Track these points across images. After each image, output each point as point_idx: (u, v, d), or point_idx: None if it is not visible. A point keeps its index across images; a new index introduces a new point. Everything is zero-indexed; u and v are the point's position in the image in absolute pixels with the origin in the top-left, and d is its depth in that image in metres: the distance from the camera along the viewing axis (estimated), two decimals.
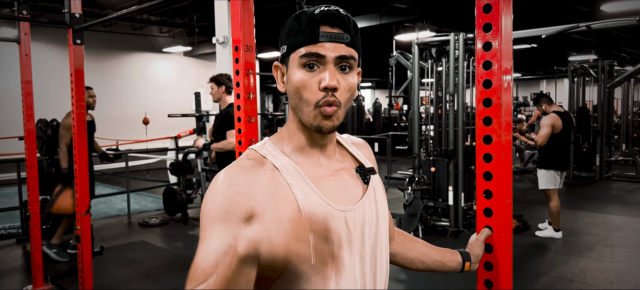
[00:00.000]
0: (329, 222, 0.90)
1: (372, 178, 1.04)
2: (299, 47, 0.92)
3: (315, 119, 0.92)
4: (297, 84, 0.92)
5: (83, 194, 3.28)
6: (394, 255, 1.26)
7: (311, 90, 0.91)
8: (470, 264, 1.28)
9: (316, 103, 0.91)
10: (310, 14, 0.92)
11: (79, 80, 3.24)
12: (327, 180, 0.97)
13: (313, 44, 0.90)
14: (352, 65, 0.93)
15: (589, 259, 4.67)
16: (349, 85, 0.93)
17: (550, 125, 5.18)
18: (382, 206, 1.04)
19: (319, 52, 0.90)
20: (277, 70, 1.00)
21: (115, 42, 14.50)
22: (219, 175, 0.91)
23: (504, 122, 1.26)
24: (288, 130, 1.00)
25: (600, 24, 4.76)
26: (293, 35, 0.93)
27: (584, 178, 9.35)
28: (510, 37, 1.27)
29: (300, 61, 0.91)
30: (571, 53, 18.20)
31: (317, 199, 0.92)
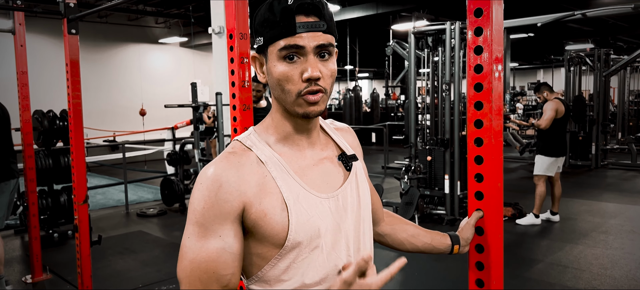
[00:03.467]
0: (312, 211, 0.94)
1: (353, 164, 1.06)
2: (277, 40, 0.91)
3: (301, 106, 0.93)
4: (279, 77, 0.92)
5: (80, 184, 3.29)
6: (384, 236, 1.29)
7: (293, 82, 0.91)
8: (459, 247, 1.30)
9: (298, 93, 0.92)
10: (284, 4, 0.90)
11: (74, 70, 3.24)
12: (311, 170, 0.99)
13: (291, 36, 0.90)
14: (331, 51, 0.94)
15: (583, 246, 4.71)
16: (330, 71, 0.94)
17: (554, 109, 5.21)
18: (364, 191, 1.07)
19: (297, 43, 0.90)
20: (255, 61, 0.99)
21: (111, 33, 14.43)
22: (209, 171, 0.92)
23: (494, 107, 1.28)
24: (273, 119, 1.00)
25: (595, 11, 4.77)
26: (268, 27, 0.92)
27: (580, 166, 9.40)
28: (501, 23, 1.28)
29: (280, 54, 0.91)
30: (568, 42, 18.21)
31: (301, 189, 0.94)
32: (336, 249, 0.98)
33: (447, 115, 5.58)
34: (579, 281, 3.86)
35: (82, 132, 3.33)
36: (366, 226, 1.06)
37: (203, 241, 0.89)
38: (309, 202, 0.94)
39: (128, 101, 14.36)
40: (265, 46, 0.94)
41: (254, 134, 1.00)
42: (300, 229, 0.92)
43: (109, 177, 9.45)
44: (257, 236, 0.92)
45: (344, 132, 1.15)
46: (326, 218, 0.96)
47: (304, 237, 0.92)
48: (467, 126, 1.32)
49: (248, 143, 0.97)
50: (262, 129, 1.01)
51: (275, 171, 0.94)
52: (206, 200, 0.89)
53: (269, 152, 0.96)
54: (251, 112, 2.04)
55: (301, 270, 0.94)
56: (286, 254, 0.93)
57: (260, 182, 0.92)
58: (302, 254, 0.93)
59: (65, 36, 3.18)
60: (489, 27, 1.25)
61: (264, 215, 0.90)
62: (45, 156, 5.10)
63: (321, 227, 0.95)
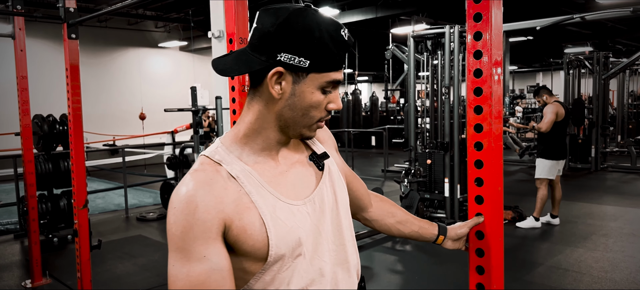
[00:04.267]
0: (291, 221, 0.93)
1: (325, 163, 1.06)
2: (327, 71, 0.91)
3: (311, 131, 0.97)
4: (312, 104, 0.93)
5: (80, 189, 3.29)
6: (371, 221, 1.30)
7: (320, 110, 0.95)
8: (444, 239, 1.32)
9: (319, 119, 0.96)
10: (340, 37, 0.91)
11: (74, 75, 3.24)
12: (284, 177, 0.98)
13: (339, 71, 0.94)
14: None
15: (584, 249, 4.71)
16: None
17: (554, 112, 5.22)
18: (339, 187, 1.07)
19: (340, 79, 0.94)
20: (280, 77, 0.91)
21: (111, 37, 14.45)
22: (181, 192, 0.87)
23: (494, 111, 1.28)
24: (253, 130, 0.96)
25: (594, 15, 4.78)
26: (320, 54, 0.89)
27: (579, 169, 9.40)
28: (500, 27, 1.28)
29: (323, 84, 0.92)
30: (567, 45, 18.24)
31: (276, 201, 0.93)
32: (318, 252, 0.98)
33: (446, 118, 5.58)
34: (579, 284, 3.86)
35: (82, 137, 3.34)
36: (346, 222, 1.07)
37: (188, 266, 0.84)
38: (286, 213, 0.93)
39: (128, 105, 14.36)
40: (308, 70, 0.90)
41: (222, 147, 0.96)
42: (281, 242, 0.91)
43: (109, 182, 9.45)
44: (240, 252, 0.90)
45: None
46: (305, 225, 0.96)
47: (286, 249, 0.92)
48: (467, 130, 1.32)
49: (216, 158, 0.93)
50: (232, 140, 0.97)
51: (249, 185, 0.91)
52: (184, 224, 0.85)
53: (239, 167, 0.93)
54: None
55: (286, 279, 0.93)
56: (270, 267, 0.92)
57: (236, 198, 0.89)
58: (286, 264, 0.93)
59: (65, 41, 3.19)
60: (488, 32, 1.26)
61: (244, 231, 0.88)
62: (45, 161, 5.10)
63: (301, 235, 0.94)
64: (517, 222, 5.56)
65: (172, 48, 15.87)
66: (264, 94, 0.93)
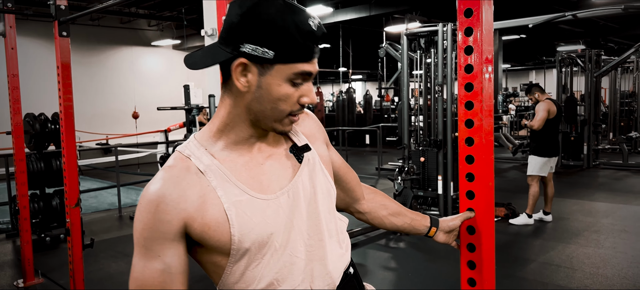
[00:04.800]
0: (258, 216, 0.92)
1: (306, 155, 1.02)
2: (294, 62, 0.88)
3: (283, 125, 0.94)
4: (279, 97, 0.90)
5: (72, 187, 3.27)
6: (363, 214, 1.29)
7: (290, 103, 0.91)
8: (436, 230, 1.31)
9: (289, 113, 0.92)
10: (307, 27, 0.87)
11: (65, 73, 3.22)
12: (257, 170, 0.96)
13: (308, 63, 0.90)
14: None
15: (576, 245, 4.74)
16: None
17: (546, 110, 5.25)
18: (320, 178, 1.04)
19: (311, 71, 0.90)
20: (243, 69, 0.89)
21: (103, 35, 14.38)
22: (149, 189, 0.89)
23: (485, 107, 1.29)
24: (226, 124, 0.95)
25: (586, 13, 4.81)
26: (287, 45, 0.86)
27: (572, 166, 9.46)
28: (490, 23, 1.29)
29: (291, 76, 0.89)
30: (559, 43, 18.35)
31: (243, 196, 0.92)
32: (290, 246, 0.96)
33: (440, 116, 5.59)
34: (571, 280, 3.88)
35: (74, 135, 3.32)
36: (326, 215, 1.03)
37: (144, 261, 0.89)
38: (253, 208, 0.92)
39: (121, 104, 14.30)
40: (274, 61, 0.87)
41: (194, 142, 0.95)
42: (244, 237, 0.90)
43: (102, 181, 9.40)
44: (207, 247, 0.92)
45: (301, 119, 1.09)
46: (275, 219, 0.94)
47: (251, 244, 0.91)
48: (458, 126, 1.32)
49: (187, 152, 0.93)
50: (206, 135, 0.96)
51: (215, 180, 0.91)
52: (146, 222, 0.88)
53: (208, 161, 0.92)
54: None
55: (257, 275, 0.93)
56: (237, 262, 0.92)
57: (201, 194, 0.89)
58: (255, 260, 0.92)
59: (56, 39, 3.17)
60: (479, 28, 1.26)
61: (207, 228, 0.89)
62: (37, 160, 5.06)
63: (271, 230, 0.93)
64: (510, 219, 5.59)
65: (165, 47, 15.81)
66: (233, 88, 0.92)
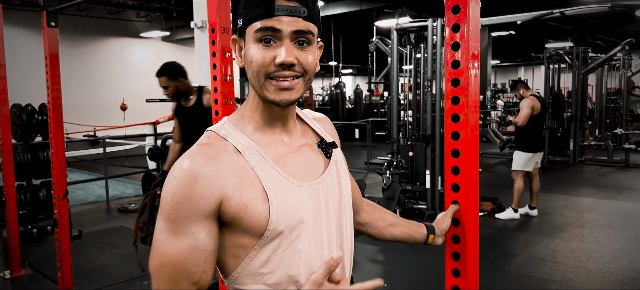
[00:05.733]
0: (293, 201, 0.91)
1: (334, 152, 1.04)
2: (254, 21, 0.89)
3: (271, 92, 0.90)
4: (251, 59, 0.90)
5: (60, 178, 3.26)
6: (363, 225, 1.30)
7: (265, 65, 0.89)
8: (434, 237, 1.32)
9: (266, 74, 0.89)
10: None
11: (54, 64, 3.20)
12: (290, 158, 0.96)
13: (268, 18, 0.87)
14: (311, 40, 0.91)
15: (560, 239, 4.82)
16: (308, 59, 0.91)
17: (530, 106, 5.32)
18: (345, 179, 1.05)
19: (274, 26, 0.87)
20: (235, 44, 0.96)
21: (92, 26, 14.21)
22: (185, 163, 0.87)
23: (471, 102, 1.31)
24: (248, 108, 0.97)
25: (573, 10, 4.87)
26: (248, 8, 0.90)
27: (558, 162, 9.58)
28: (477, 19, 1.31)
29: (256, 36, 0.89)
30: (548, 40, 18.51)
31: (281, 178, 0.91)
32: (317, 238, 0.95)
33: (428, 111, 5.64)
34: (555, 273, 3.96)
35: (62, 126, 3.30)
36: (348, 215, 1.05)
37: (174, 237, 0.86)
38: (289, 192, 0.91)
39: (109, 95, 14.17)
40: (243, 28, 0.92)
41: (228, 123, 0.96)
42: (281, 218, 0.89)
43: (90, 173, 9.35)
44: (239, 228, 0.89)
45: (322, 121, 1.12)
46: (307, 207, 0.94)
47: (285, 227, 0.89)
48: (445, 121, 1.35)
49: (223, 133, 0.94)
50: (237, 118, 0.98)
51: (254, 160, 0.90)
52: (180, 196, 0.85)
53: (245, 141, 0.93)
54: (233, 106, 2.05)
55: (284, 262, 0.91)
56: (266, 245, 0.90)
57: (239, 173, 0.89)
58: (283, 245, 0.90)
59: (44, 29, 3.15)
60: (466, 24, 1.29)
61: (245, 207, 0.87)
62: (24, 151, 5.03)
63: (302, 217, 0.92)
64: (496, 213, 5.66)
65: (154, 38, 15.68)
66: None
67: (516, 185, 5.45)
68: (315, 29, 0.92)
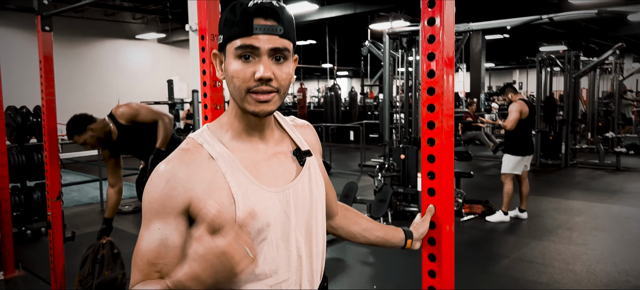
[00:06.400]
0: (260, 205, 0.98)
1: (308, 159, 1.10)
2: (234, 39, 0.96)
3: (250, 104, 0.97)
4: (232, 74, 0.97)
5: (53, 181, 3.31)
6: (337, 229, 1.35)
7: (245, 79, 0.96)
8: (412, 241, 1.38)
9: (247, 89, 0.96)
10: (244, 6, 0.95)
11: (48, 67, 3.25)
12: (263, 164, 1.03)
13: (247, 36, 0.94)
14: (286, 55, 0.98)
15: (548, 242, 4.89)
16: (284, 74, 0.98)
17: (518, 110, 5.39)
18: (317, 185, 1.11)
19: (253, 44, 0.94)
20: (216, 58, 1.04)
21: (87, 28, 14.23)
22: (160, 167, 0.98)
23: (445, 109, 1.37)
24: (228, 116, 1.05)
25: (562, 16, 4.94)
26: (229, 26, 0.97)
27: (550, 165, 9.66)
28: (452, 31, 1.37)
29: (236, 52, 0.96)
30: (542, 44, 18.65)
31: (250, 184, 0.99)
32: (285, 241, 1.02)
33: (420, 114, 5.70)
34: (542, 276, 4.02)
35: (56, 129, 3.35)
36: (319, 219, 1.11)
37: (147, 233, 0.96)
38: (257, 196, 0.98)
39: (104, 97, 14.19)
40: (224, 44, 0.99)
41: (207, 131, 1.04)
42: (248, 222, 0.95)
43: (84, 174, 9.37)
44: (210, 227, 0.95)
45: (303, 128, 1.19)
46: (275, 211, 1.00)
47: (251, 229, 0.96)
48: (421, 127, 1.41)
49: (200, 140, 1.02)
50: (217, 126, 1.05)
51: (225, 166, 0.98)
52: (154, 196, 0.96)
53: (220, 148, 1.00)
54: (222, 111, 2.10)
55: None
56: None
57: (210, 178, 0.97)
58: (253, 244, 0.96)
59: (38, 33, 3.19)
60: (440, 35, 1.34)
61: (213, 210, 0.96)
62: (18, 153, 5.06)
63: (269, 220, 0.99)
64: (486, 216, 5.73)
65: (149, 40, 15.71)
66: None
67: (506, 188, 5.52)
68: (291, 45, 1.00)
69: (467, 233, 5.28)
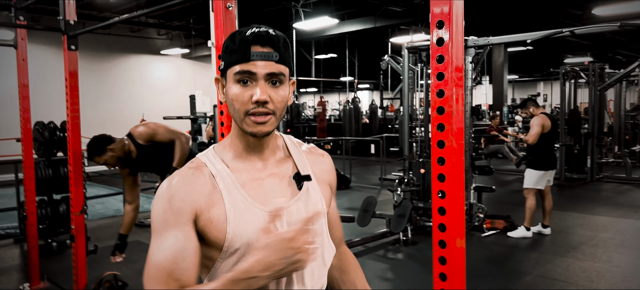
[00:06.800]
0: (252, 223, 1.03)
1: (306, 184, 1.13)
2: (233, 65, 1.02)
3: (248, 125, 1.03)
4: (232, 97, 1.03)
5: (77, 195, 3.39)
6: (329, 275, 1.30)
7: (243, 102, 1.02)
8: None
9: (246, 112, 1.02)
10: (243, 34, 1.02)
11: (73, 84, 3.35)
12: (259, 183, 1.08)
13: (245, 62, 1.01)
14: (282, 80, 1.05)
15: (573, 259, 4.79)
16: (280, 97, 1.04)
17: (540, 124, 5.32)
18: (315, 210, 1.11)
19: (250, 69, 1.01)
20: (218, 83, 1.11)
21: (114, 44, 14.61)
22: (164, 184, 1.04)
23: (455, 129, 1.38)
24: (231, 137, 1.11)
25: (584, 29, 4.87)
26: (229, 53, 1.04)
27: (575, 179, 9.46)
28: (461, 51, 1.38)
29: (235, 77, 1.02)
30: (567, 55, 18.37)
31: (244, 201, 1.04)
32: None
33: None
34: None
35: (80, 144, 3.44)
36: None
37: (159, 241, 1.00)
38: (250, 214, 1.03)
39: (130, 111, 14.50)
40: (225, 70, 1.06)
41: (212, 151, 1.12)
42: (237, 237, 1.01)
43: (109, 187, 9.55)
44: (206, 241, 1.03)
45: (317, 157, 1.22)
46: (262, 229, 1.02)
47: (241, 244, 1.02)
48: (431, 147, 1.41)
49: (204, 159, 1.09)
50: (221, 147, 1.12)
51: (223, 184, 1.04)
52: (159, 209, 1.02)
53: (220, 167, 1.07)
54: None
55: None
56: (227, 258, 1.03)
57: (210, 193, 1.03)
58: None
59: (65, 52, 3.30)
60: (449, 55, 1.36)
61: (210, 222, 1.02)
62: (45, 166, 5.20)
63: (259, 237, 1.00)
64: (508, 231, 5.64)
65: (174, 55, 16.02)
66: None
67: (528, 203, 5.43)
68: (287, 70, 1.06)
69: (488, 249, 5.21)
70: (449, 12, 1.34)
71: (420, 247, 5.22)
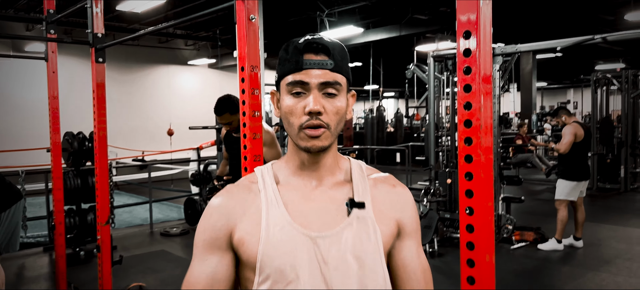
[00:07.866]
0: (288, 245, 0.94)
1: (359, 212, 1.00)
2: (286, 75, 0.98)
3: (303, 140, 0.97)
4: (285, 110, 0.99)
5: (103, 205, 3.43)
6: None
7: (297, 115, 0.97)
8: None
9: (300, 126, 0.96)
10: (296, 43, 0.98)
11: (100, 96, 3.40)
12: (307, 204, 0.99)
13: (298, 72, 0.96)
14: (338, 89, 0.98)
15: (606, 273, 4.61)
16: (335, 108, 0.97)
17: (573, 133, 5.16)
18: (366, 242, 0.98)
19: (302, 79, 0.96)
20: (273, 97, 1.05)
21: (142, 55, 14.90)
22: (211, 201, 1.03)
23: (483, 142, 1.32)
24: (288, 153, 1.05)
25: (616, 35, 4.72)
26: (282, 64, 1.00)
27: (608, 190, 9.16)
28: (490, 61, 1.33)
29: (288, 88, 0.98)
30: (598, 62, 17.90)
31: (284, 222, 0.96)
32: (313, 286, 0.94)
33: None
34: None
35: (106, 155, 3.49)
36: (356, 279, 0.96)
37: (196, 264, 1.00)
38: (288, 235, 0.95)
39: (157, 120, 14.75)
40: (279, 82, 1.02)
41: (270, 165, 1.07)
42: (267, 260, 0.93)
43: (136, 196, 9.70)
44: (241, 260, 1.00)
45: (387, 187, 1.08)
46: (303, 254, 0.94)
47: (271, 270, 0.93)
48: (458, 161, 1.36)
49: (258, 173, 1.05)
50: (282, 161, 1.07)
51: (266, 201, 0.99)
52: (202, 226, 1.01)
53: (269, 182, 1.02)
54: (260, 141, 2.12)
55: None
56: (262, 282, 0.94)
57: (249, 210, 0.99)
58: (277, 286, 0.93)
59: (92, 64, 3.35)
60: (477, 66, 1.31)
61: (243, 241, 0.98)
62: (74, 176, 5.30)
63: (295, 263, 0.93)
64: (538, 243, 5.47)
65: (200, 65, 16.25)
66: None
67: (560, 215, 5.26)
68: (343, 79, 1.00)
69: (517, 262, 5.06)
70: (476, 20, 1.29)
71: (446, 259, 5.11)
